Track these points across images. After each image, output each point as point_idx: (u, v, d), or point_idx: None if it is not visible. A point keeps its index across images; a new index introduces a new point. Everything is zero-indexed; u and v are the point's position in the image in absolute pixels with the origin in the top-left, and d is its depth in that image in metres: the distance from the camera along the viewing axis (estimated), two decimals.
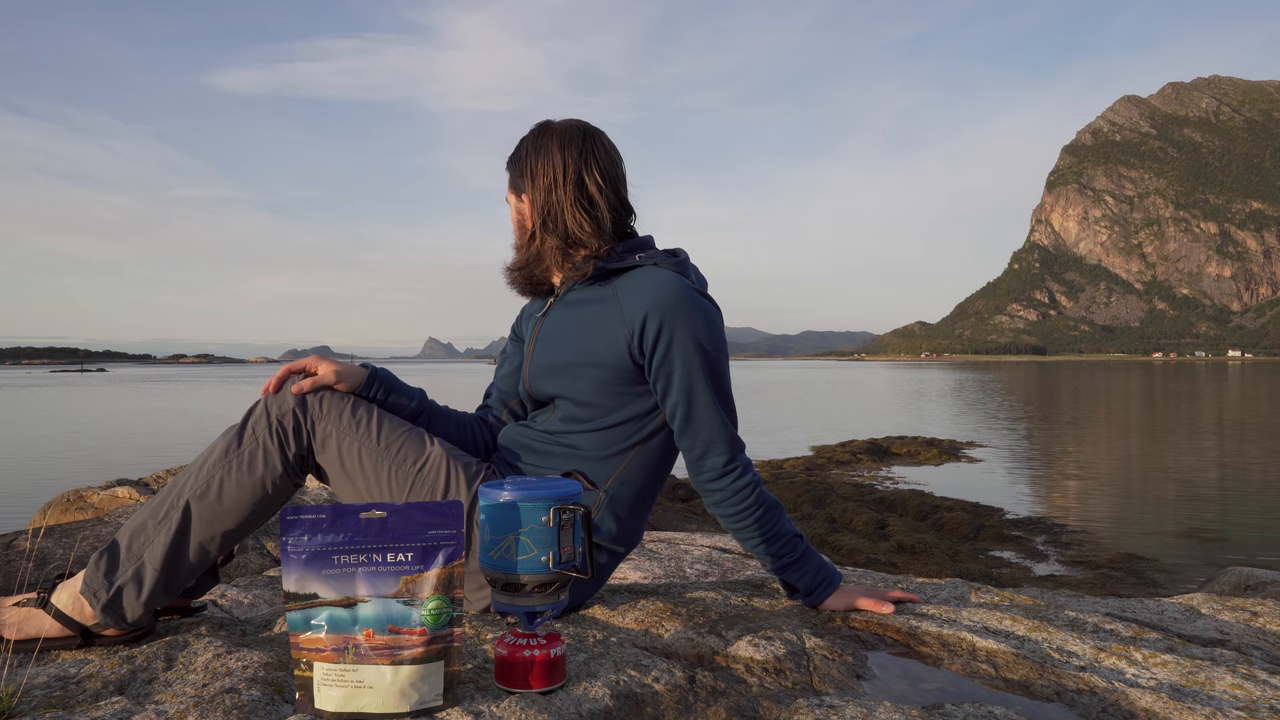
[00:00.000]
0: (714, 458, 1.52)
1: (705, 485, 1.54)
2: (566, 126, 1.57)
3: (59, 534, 2.53)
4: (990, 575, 6.44)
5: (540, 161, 1.55)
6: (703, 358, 1.49)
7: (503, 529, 1.13)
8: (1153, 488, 11.07)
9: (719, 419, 1.51)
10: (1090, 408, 28.43)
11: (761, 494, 1.54)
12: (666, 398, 1.51)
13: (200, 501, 1.36)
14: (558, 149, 1.55)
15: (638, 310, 1.47)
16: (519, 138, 1.62)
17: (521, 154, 1.59)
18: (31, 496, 9.17)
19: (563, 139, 1.56)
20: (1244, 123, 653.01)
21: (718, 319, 1.55)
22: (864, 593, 1.60)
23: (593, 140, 1.57)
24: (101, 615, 1.35)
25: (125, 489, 3.55)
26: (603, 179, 1.55)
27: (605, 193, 1.55)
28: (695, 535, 3.32)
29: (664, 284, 1.48)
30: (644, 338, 1.47)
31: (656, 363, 1.48)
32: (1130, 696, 1.21)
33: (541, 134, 1.58)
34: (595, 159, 1.56)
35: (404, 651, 1.06)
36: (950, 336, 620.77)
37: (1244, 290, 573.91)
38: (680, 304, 1.47)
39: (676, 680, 1.21)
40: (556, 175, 1.54)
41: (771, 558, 1.57)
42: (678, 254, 1.59)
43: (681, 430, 1.52)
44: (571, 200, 1.53)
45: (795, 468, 12.78)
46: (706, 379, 1.49)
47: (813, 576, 1.59)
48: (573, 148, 1.55)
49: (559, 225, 1.54)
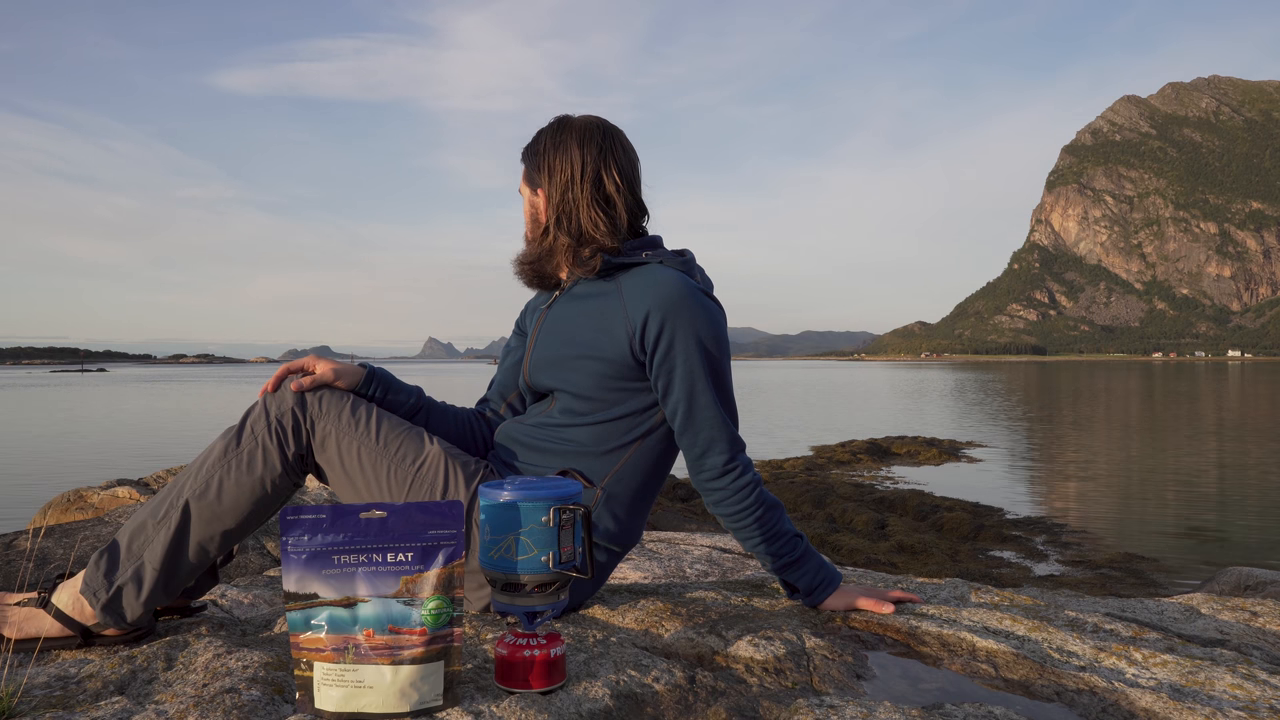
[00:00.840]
0: (714, 456, 1.52)
1: (705, 484, 1.54)
2: (586, 123, 1.56)
3: (59, 534, 2.53)
4: (990, 575, 6.44)
5: (558, 157, 1.54)
6: (704, 357, 1.48)
7: (503, 529, 1.13)
8: (1153, 488, 11.06)
9: (720, 418, 1.51)
10: (1090, 408, 28.44)
11: (762, 493, 1.53)
12: (668, 396, 1.50)
13: (200, 501, 1.36)
14: (577, 146, 1.53)
15: (640, 307, 1.47)
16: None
17: (539, 148, 1.57)
18: (31, 496, 9.17)
19: (582, 136, 1.54)
20: (1244, 123, 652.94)
21: (721, 319, 1.54)
22: (864, 593, 1.60)
23: (612, 139, 1.56)
24: (101, 615, 1.35)
25: (125, 489, 3.55)
26: (620, 178, 1.54)
27: (622, 192, 1.54)
28: (695, 535, 3.32)
29: (667, 282, 1.47)
30: (645, 335, 1.47)
31: (658, 360, 1.48)
32: (1130, 696, 1.21)
33: (560, 129, 1.56)
34: (614, 158, 1.54)
35: (404, 651, 1.06)
36: (950, 336, 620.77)
37: (1244, 290, 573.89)
38: (683, 303, 1.46)
39: (676, 680, 1.21)
40: (574, 173, 1.53)
41: (772, 557, 1.57)
42: (684, 254, 1.58)
43: (682, 429, 1.52)
44: (588, 199, 1.52)
45: (795, 468, 12.78)
46: (708, 378, 1.49)
47: (813, 576, 1.58)
48: (592, 145, 1.53)
49: (573, 223, 1.54)
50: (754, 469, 1.55)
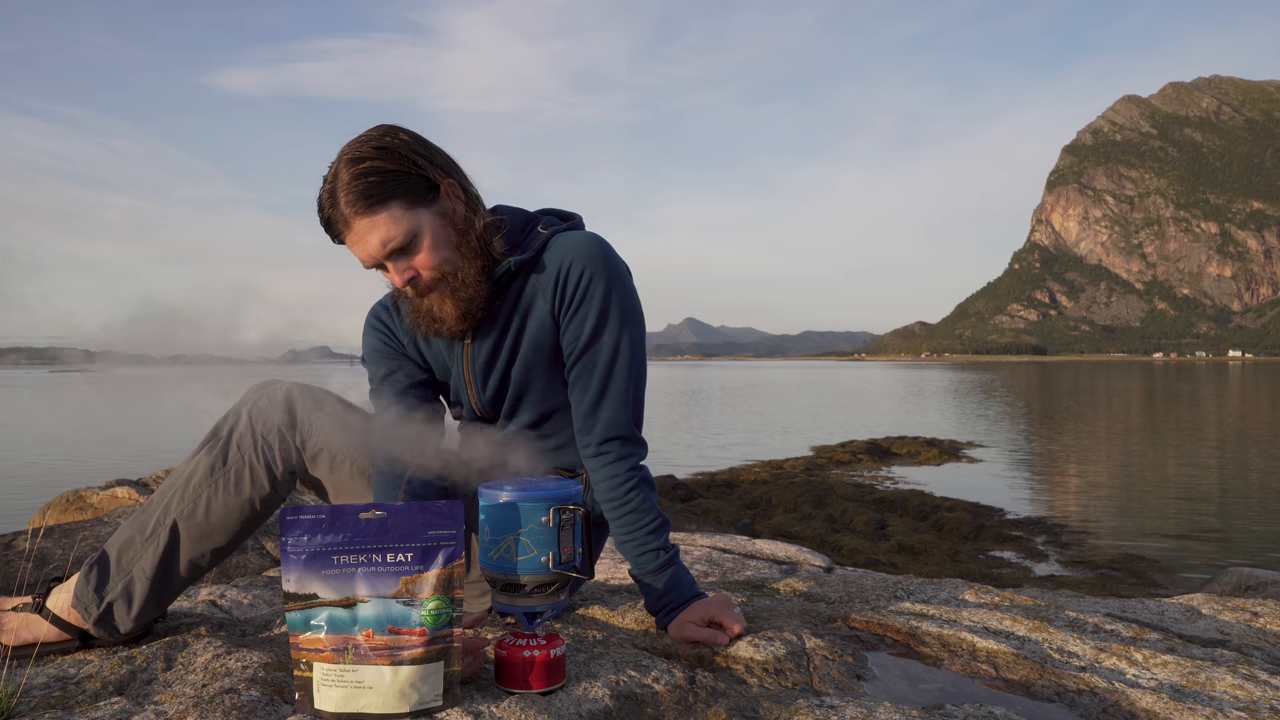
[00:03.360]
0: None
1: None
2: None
3: (58, 534, 2.53)
4: (990, 575, 6.44)
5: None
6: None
7: (502, 529, 1.13)
8: (1153, 488, 11.06)
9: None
10: (1090, 408, 28.43)
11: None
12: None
13: (188, 521, 1.35)
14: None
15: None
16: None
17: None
18: (31, 496, 9.16)
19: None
20: (1244, 123, 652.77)
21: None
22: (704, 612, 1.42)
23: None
24: (94, 629, 1.34)
25: (125, 489, 3.55)
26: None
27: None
28: (695, 535, 3.31)
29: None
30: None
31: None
32: (1131, 697, 1.21)
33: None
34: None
35: (404, 652, 1.05)
36: (950, 336, 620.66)
37: (1244, 290, 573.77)
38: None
39: (676, 680, 1.21)
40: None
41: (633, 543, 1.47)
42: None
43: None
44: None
45: (795, 468, 12.77)
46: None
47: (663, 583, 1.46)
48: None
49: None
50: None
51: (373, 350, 1.53)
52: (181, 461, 1.42)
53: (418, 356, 1.52)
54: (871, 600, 1.76)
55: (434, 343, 1.49)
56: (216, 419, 1.41)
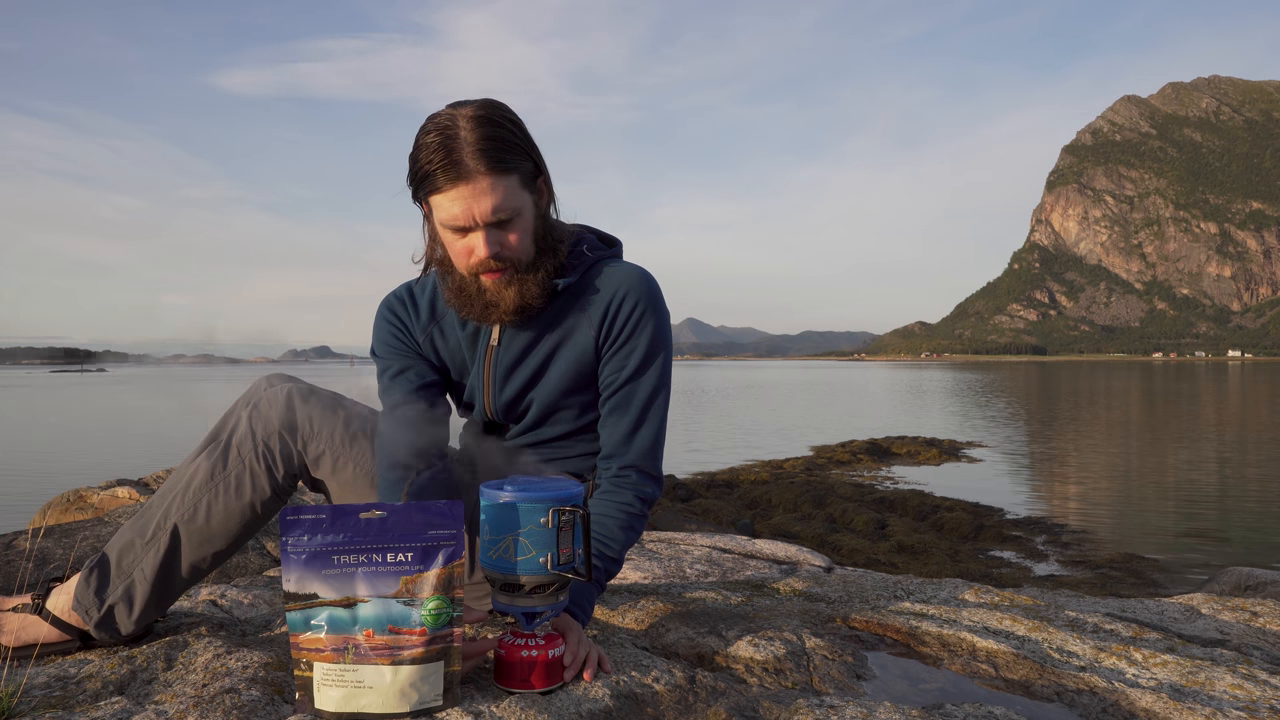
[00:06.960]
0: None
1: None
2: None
3: (59, 534, 2.53)
4: (990, 575, 6.43)
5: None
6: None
7: (502, 529, 1.13)
8: (1153, 488, 11.06)
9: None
10: (1090, 408, 28.43)
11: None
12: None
13: (188, 525, 1.35)
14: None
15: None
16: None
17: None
18: (31, 496, 9.16)
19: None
20: (1244, 123, 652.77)
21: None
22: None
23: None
24: (95, 631, 1.34)
25: (125, 489, 3.55)
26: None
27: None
28: (695, 535, 3.31)
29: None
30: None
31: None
32: (1130, 697, 1.21)
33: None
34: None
35: (404, 652, 1.06)
36: (950, 336, 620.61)
37: (1244, 290, 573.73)
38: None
39: (676, 680, 1.21)
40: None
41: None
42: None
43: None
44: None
45: (795, 468, 12.77)
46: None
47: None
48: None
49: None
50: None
51: (384, 343, 1.50)
52: (182, 463, 1.41)
53: (431, 353, 1.49)
54: (871, 600, 1.76)
55: (452, 339, 1.47)
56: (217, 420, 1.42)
